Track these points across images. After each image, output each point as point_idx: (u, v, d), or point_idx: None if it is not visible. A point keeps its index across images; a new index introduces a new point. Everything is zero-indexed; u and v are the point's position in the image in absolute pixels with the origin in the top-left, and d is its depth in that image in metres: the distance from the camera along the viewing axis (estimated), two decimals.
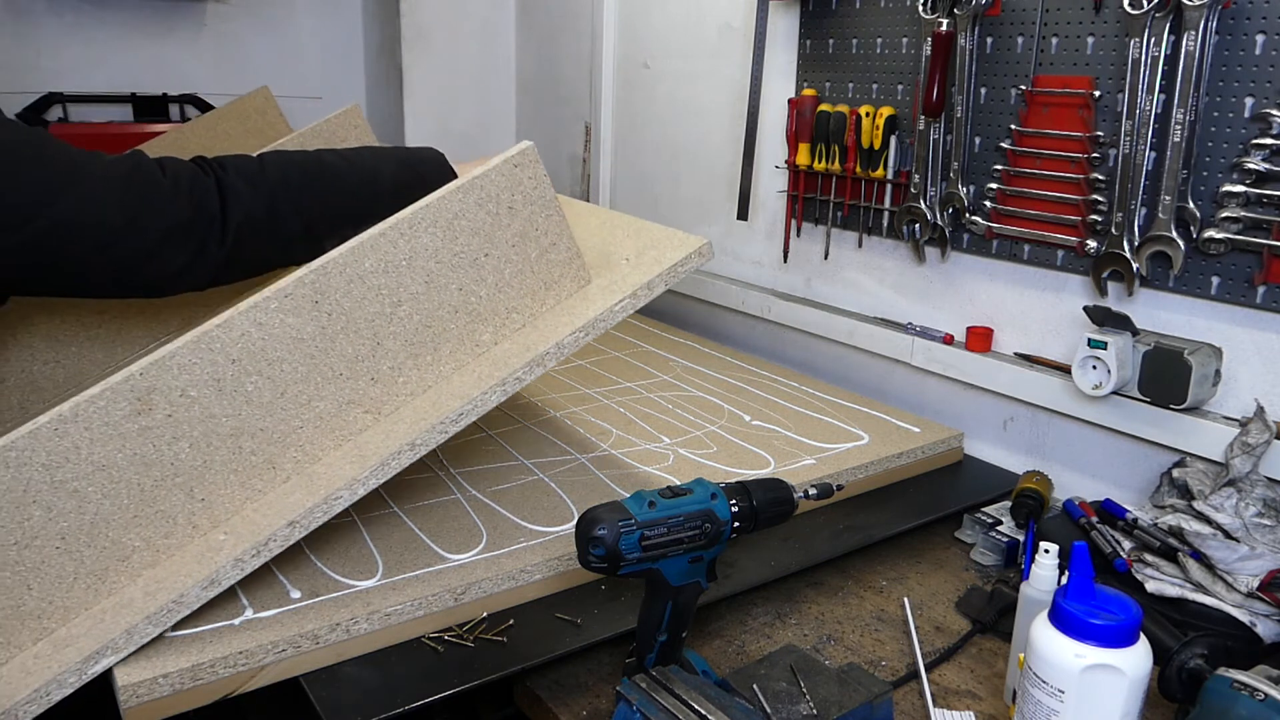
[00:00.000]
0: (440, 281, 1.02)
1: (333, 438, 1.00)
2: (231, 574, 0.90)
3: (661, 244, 1.14)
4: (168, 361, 0.90)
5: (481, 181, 1.03)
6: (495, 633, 0.98)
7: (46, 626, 0.89)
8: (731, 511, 0.86)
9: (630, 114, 2.23)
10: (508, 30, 2.61)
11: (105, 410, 0.88)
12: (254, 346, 0.94)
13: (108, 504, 0.89)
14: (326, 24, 2.61)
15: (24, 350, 1.33)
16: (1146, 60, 1.17)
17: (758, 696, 0.84)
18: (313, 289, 0.96)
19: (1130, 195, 1.22)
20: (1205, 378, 1.17)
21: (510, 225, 1.06)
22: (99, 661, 0.85)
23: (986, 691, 0.97)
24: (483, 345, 1.06)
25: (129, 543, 0.91)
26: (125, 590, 0.91)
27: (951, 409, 1.55)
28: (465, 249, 1.03)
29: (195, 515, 0.94)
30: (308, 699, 0.88)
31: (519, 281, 1.07)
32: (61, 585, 0.89)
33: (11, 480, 0.85)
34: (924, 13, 1.41)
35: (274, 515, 0.93)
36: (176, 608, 0.88)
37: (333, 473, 0.96)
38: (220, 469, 0.94)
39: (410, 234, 1.00)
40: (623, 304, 1.05)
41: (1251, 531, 1.04)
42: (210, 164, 1.11)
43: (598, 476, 1.27)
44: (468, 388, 1.00)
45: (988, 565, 1.23)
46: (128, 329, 1.39)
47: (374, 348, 1.00)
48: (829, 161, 1.64)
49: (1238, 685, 0.76)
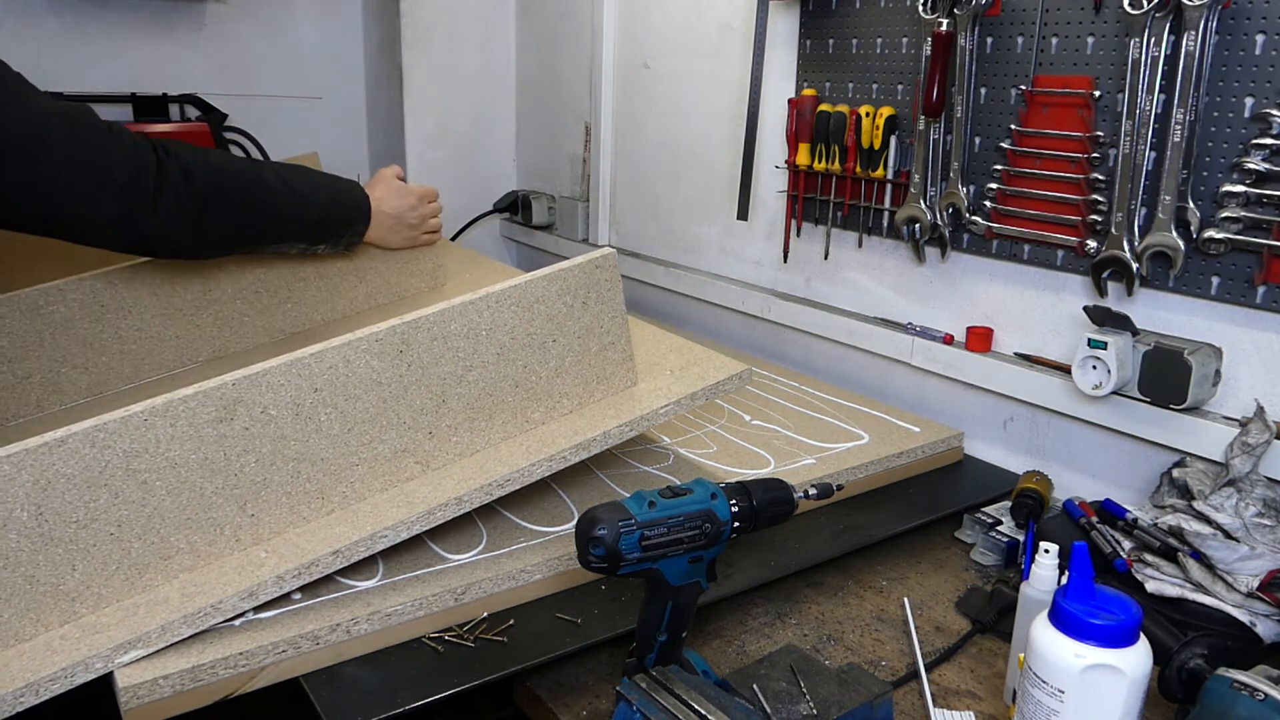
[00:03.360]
0: (510, 356, 1.10)
1: (381, 481, 1.04)
2: (270, 590, 0.93)
3: (704, 363, 1.25)
4: (259, 378, 0.95)
5: (565, 274, 1.12)
6: (495, 633, 0.98)
7: (77, 611, 0.90)
8: (731, 511, 0.86)
9: (630, 114, 2.23)
10: (508, 30, 2.61)
11: (193, 411, 0.92)
12: (337, 380, 0.99)
13: (168, 501, 0.93)
14: (326, 24, 2.61)
15: (58, 351, 1.37)
16: (1146, 60, 1.17)
17: (758, 696, 0.84)
18: (401, 339, 1.02)
19: (1130, 195, 1.22)
20: (1205, 378, 1.17)
21: (580, 318, 1.14)
22: (128, 652, 0.87)
23: (986, 691, 0.97)
24: (532, 422, 1.13)
25: (175, 543, 0.94)
26: (160, 589, 0.93)
27: (951, 409, 1.55)
28: (538, 331, 1.11)
29: (241, 529, 0.97)
30: (308, 699, 0.88)
31: (576, 370, 1.15)
32: (103, 572, 0.91)
33: (93, 459, 0.88)
34: (924, 13, 1.41)
35: (318, 542, 0.96)
36: (214, 613, 0.90)
37: (378, 513, 1.00)
38: (275, 489, 0.98)
39: (496, 307, 1.08)
40: (667, 409, 1.15)
41: (1251, 531, 1.04)
42: (156, 143, 1.18)
43: (598, 476, 1.27)
44: (516, 458, 1.06)
45: (988, 565, 1.23)
46: (159, 351, 1.45)
47: (439, 404, 1.06)
48: (829, 161, 1.64)
49: (1238, 685, 0.76)
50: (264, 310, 1.51)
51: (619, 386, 1.20)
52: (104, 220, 1.15)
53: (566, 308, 1.13)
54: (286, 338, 1.54)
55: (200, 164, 1.23)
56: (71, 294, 1.36)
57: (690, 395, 1.17)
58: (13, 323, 1.33)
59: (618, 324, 1.18)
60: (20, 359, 1.35)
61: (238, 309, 1.49)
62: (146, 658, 0.87)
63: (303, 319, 1.55)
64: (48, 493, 0.87)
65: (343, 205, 1.44)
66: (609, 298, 1.16)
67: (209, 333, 1.48)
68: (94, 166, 1.12)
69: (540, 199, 2.53)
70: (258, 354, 1.48)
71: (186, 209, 1.21)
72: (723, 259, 2.00)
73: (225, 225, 1.28)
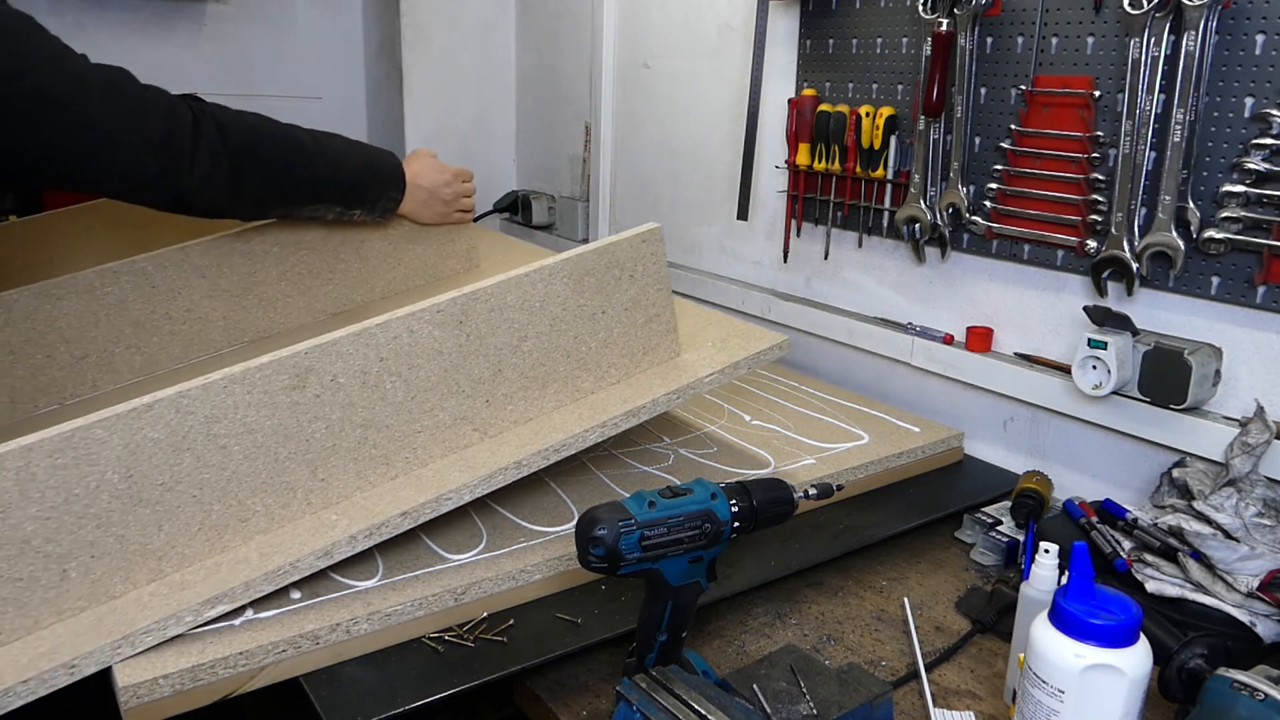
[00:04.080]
0: (561, 327, 1.14)
1: (441, 447, 1.08)
2: (344, 549, 0.96)
3: (744, 334, 1.31)
4: (330, 347, 0.99)
5: (613, 248, 1.16)
6: (495, 633, 0.98)
7: (162, 569, 0.95)
8: (731, 511, 0.86)
9: (630, 114, 2.23)
10: (508, 30, 2.61)
11: (268, 379, 0.96)
12: (402, 349, 1.03)
13: (245, 466, 0.97)
14: (326, 24, 2.61)
15: (112, 332, 1.42)
16: (1146, 60, 1.17)
17: (758, 696, 0.84)
18: (461, 309, 1.06)
19: (1130, 195, 1.22)
20: (1205, 378, 1.17)
21: (627, 291, 1.19)
22: (216, 606, 0.91)
23: (986, 691, 0.97)
24: (582, 391, 1.17)
25: (252, 506, 0.98)
26: (238, 550, 0.97)
27: (951, 409, 1.55)
28: (587, 303, 1.16)
29: (312, 493, 1.01)
30: (308, 699, 0.88)
31: (623, 341, 1.20)
32: (186, 533, 0.95)
33: (177, 424, 0.93)
34: (924, 13, 1.41)
35: (386, 504, 1.01)
36: (292, 570, 0.94)
37: (441, 477, 1.04)
38: (343, 455, 1.02)
39: (549, 279, 1.12)
40: (712, 377, 1.20)
41: (1251, 531, 1.04)
42: (190, 102, 1.22)
43: (598, 476, 1.27)
44: (570, 424, 1.11)
45: (988, 565, 1.23)
46: (207, 332, 1.50)
47: (495, 373, 1.10)
48: (829, 161, 1.64)
49: (1238, 685, 0.76)
50: (305, 291, 1.55)
51: (663, 357, 1.24)
52: (143, 177, 1.18)
53: (614, 280, 1.17)
54: (328, 318, 1.58)
55: (234, 121, 1.27)
56: (124, 275, 1.41)
57: (733, 364, 1.21)
58: (70, 304, 1.38)
59: (662, 296, 1.22)
60: (77, 339, 1.40)
61: (281, 290, 1.53)
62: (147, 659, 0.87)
63: (343, 299, 1.59)
64: (136, 456, 0.91)
65: (375, 170, 1.47)
66: (654, 271, 1.20)
67: (254, 313, 1.52)
68: (131, 124, 1.15)
69: (540, 199, 2.53)
70: (300, 334, 1.51)
71: (222, 165, 1.24)
72: (723, 259, 2.00)
73: (260, 182, 1.31)
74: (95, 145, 1.14)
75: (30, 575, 0.88)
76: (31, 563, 0.88)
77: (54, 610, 0.90)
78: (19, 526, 0.87)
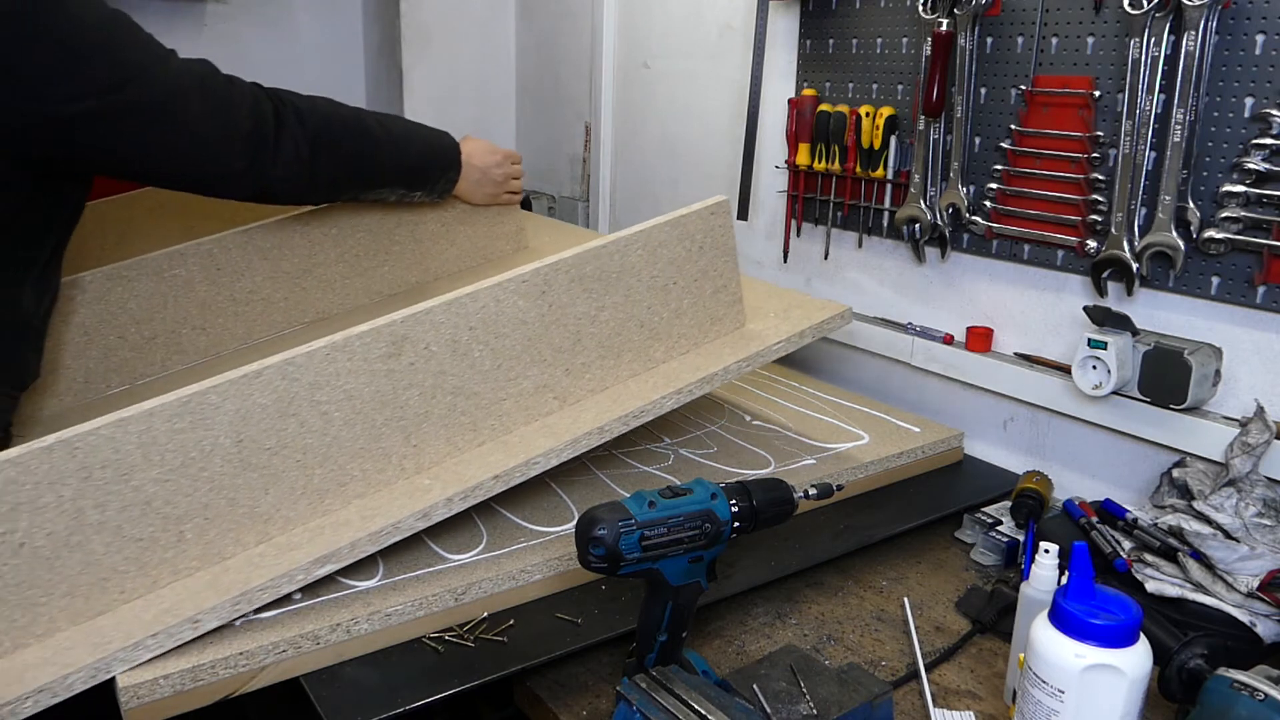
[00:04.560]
0: (636, 297, 1.18)
1: (524, 415, 1.12)
2: (441, 511, 1.00)
3: (806, 306, 1.35)
4: (423, 317, 1.03)
5: (684, 220, 1.20)
6: (495, 633, 0.98)
7: (268, 532, 0.98)
8: (731, 511, 0.86)
9: (630, 114, 2.23)
10: (508, 30, 2.61)
11: (367, 347, 1.00)
12: (489, 318, 1.07)
13: (345, 431, 1.00)
14: (326, 24, 2.60)
15: (180, 314, 1.47)
16: (1146, 60, 1.17)
17: (758, 696, 0.84)
18: (543, 280, 1.10)
19: (1130, 195, 1.22)
20: (1205, 378, 1.17)
21: (697, 262, 1.22)
22: (324, 566, 0.94)
23: (986, 691, 0.97)
24: (654, 361, 1.21)
25: (350, 471, 1.02)
26: (338, 513, 1.01)
27: (951, 409, 1.55)
28: (660, 274, 1.19)
29: (406, 459, 1.05)
30: (308, 699, 0.88)
31: (693, 311, 1.23)
32: (290, 496, 0.98)
33: (284, 390, 0.96)
34: (924, 13, 1.41)
35: (477, 469, 1.04)
36: (394, 531, 0.97)
37: (527, 443, 1.08)
38: (435, 421, 1.06)
39: (624, 251, 1.15)
40: (779, 345, 1.24)
41: (1251, 531, 1.04)
42: (269, 91, 1.26)
43: (598, 476, 1.27)
44: (646, 392, 1.15)
45: (988, 565, 1.23)
46: (269, 313, 1.55)
47: (574, 343, 1.14)
48: (829, 161, 1.64)
49: (1238, 685, 0.76)
50: (363, 273, 1.60)
51: (730, 327, 1.28)
52: (235, 171, 1.22)
53: (685, 252, 1.20)
54: (384, 299, 1.62)
55: (309, 108, 1.30)
56: (191, 257, 1.45)
57: (799, 333, 1.26)
58: (141, 285, 1.43)
59: (729, 267, 1.26)
60: (147, 320, 1.44)
61: (339, 271, 1.58)
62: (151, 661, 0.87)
63: (398, 281, 1.63)
64: (246, 421, 0.95)
65: (436, 152, 1.51)
66: (722, 243, 1.24)
67: (313, 295, 1.57)
68: (221, 123, 1.19)
69: (540, 199, 2.53)
70: (358, 315, 1.55)
71: (303, 152, 1.28)
72: None
73: (335, 167, 1.35)
74: (189, 147, 1.17)
75: (150, 535, 0.92)
76: (152, 524, 0.92)
77: (171, 570, 0.94)
78: (141, 488, 0.91)
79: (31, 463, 0.85)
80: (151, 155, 1.16)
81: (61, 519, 0.87)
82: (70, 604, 0.89)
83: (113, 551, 0.90)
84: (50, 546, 0.87)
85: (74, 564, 0.89)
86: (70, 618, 0.90)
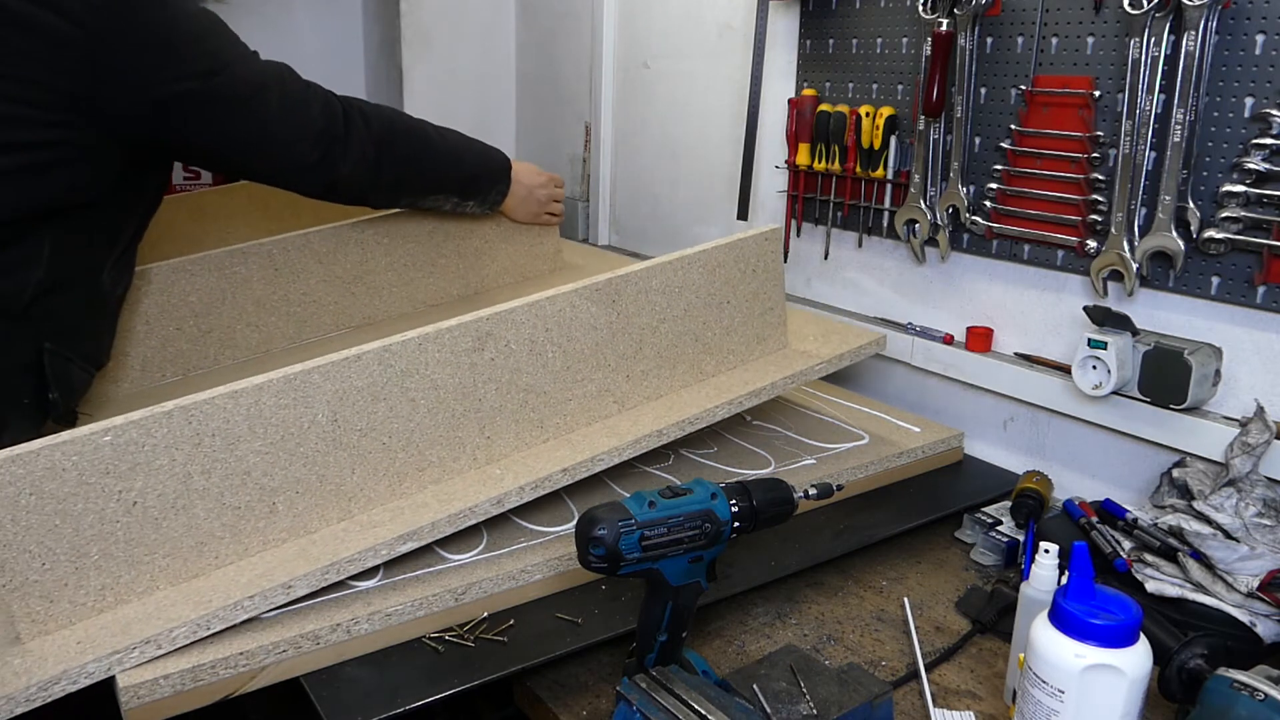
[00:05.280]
0: (693, 312, 1.25)
1: (587, 416, 1.18)
2: (514, 499, 1.05)
3: (841, 332, 1.45)
4: (507, 315, 1.09)
5: (741, 244, 1.28)
6: (495, 633, 0.98)
7: (350, 510, 1.03)
8: (731, 511, 0.86)
9: (630, 114, 2.23)
10: (508, 30, 2.61)
11: (455, 340, 1.06)
12: (564, 321, 1.13)
13: (427, 419, 1.05)
14: (326, 24, 2.61)
15: (236, 310, 1.53)
16: (1146, 60, 1.17)
17: (758, 696, 0.84)
18: (614, 289, 1.17)
19: (1130, 195, 1.22)
20: (1205, 378, 1.17)
21: (749, 284, 1.30)
22: (406, 543, 0.99)
23: (986, 691, 0.97)
24: (704, 374, 1.28)
25: (429, 457, 1.07)
26: (414, 496, 1.06)
27: (951, 409, 1.55)
28: (716, 292, 1.27)
29: (479, 449, 1.10)
30: (308, 699, 0.88)
31: (742, 330, 1.31)
32: (373, 477, 1.03)
33: (378, 374, 1.01)
34: (924, 13, 1.41)
35: (544, 462, 1.10)
36: (470, 514, 1.02)
37: (590, 441, 1.14)
38: (507, 415, 1.11)
39: (687, 268, 1.23)
40: (821, 366, 1.32)
41: (1251, 531, 1.04)
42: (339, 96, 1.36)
43: (598, 476, 1.27)
44: (700, 400, 1.22)
45: (988, 565, 1.23)
46: (319, 315, 1.60)
47: (636, 350, 1.21)
48: (829, 161, 1.64)
49: (1238, 685, 0.76)
50: (409, 283, 1.67)
51: (774, 347, 1.36)
52: (304, 165, 1.31)
53: (740, 274, 1.28)
54: (427, 309, 1.69)
55: (374, 112, 1.40)
56: (251, 256, 1.51)
57: (838, 355, 1.34)
58: (202, 280, 1.48)
59: (777, 291, 1.34)
60: (205, 314, 1.50)
61: (388, 280, 1.65)
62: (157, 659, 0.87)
63: (441, 292, 1.71)
64: (343, 402, 1.00)
65: (490, 165, 1.61)
66: (772, 268, 1.32)
67: (361, 300, 1.63)
68: (298, 117, 1.28)
69: None
70: (403, 322, 1.62)
71: (369, 152, 1.36)
72: None
73: (397, 168, 1.43)
74: (268, 138, 1.26)
75: (246, 504, 0.96)
76: (249, 493, 0.96)
77: (262, 539, 0.98)
78: (243, 458, 0.95)
79: (152, 425, 0.90)
80: (234, 143, 1.24)
81: (171, 481, 0.92)
82: (170, 565, 0.94)
83: (212, 517, 0.95)
84: (159, 507, 0.92)
85: (178, 526, 0.93)
86: (170, 578, 0.94)
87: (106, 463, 0.89)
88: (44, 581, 0.88)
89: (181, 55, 1.14)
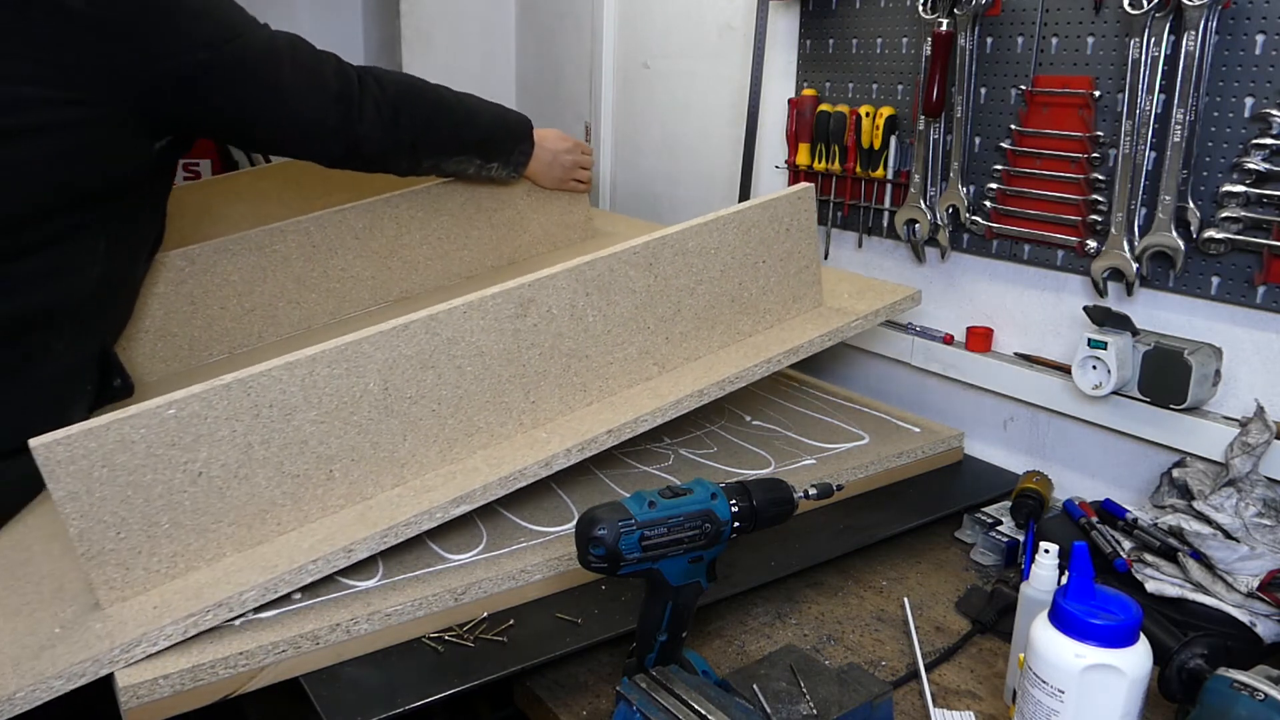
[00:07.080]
0: (729, 273, 1.26)
1: (628, 378, 1.20)
2: (561, 460, 1.07)
3: (878, 289, 1.44)
4: (548, 281, 1.10)
5: (775, 203, 1.28)
6: (495, 633, 0.98)
7: (403, 476, 1.05)
8: (731, 511, 0.86)
9: (630, 114, 2.23)
10: (508, 30, 2.61)
11: (498, 307, 1.07)
12: (603, 285, 1.15)
13: (474, 386, 1.08)
14: (326, 24, 2.61)
15: (277, 287, 1.55)
16: (1146, 60, 1.17)
17: (758, 696, 0.84)
18: (651, 253, 1.18)
19: (1130, 195, 1.22)
20: (1205, 378, 1.17)
21: (783, 243, 1.31)
22: (459, 506, 1.01)
23: (986, 691, 0.97)
24: (741, 334, 1.30)
25: (476, 423, 1.09)
26: (464, 461, 1.08)
27: (951, 409, 1.55)
28: (751, 252, 1.28)
29: (524, 414, 1.12)
30: (308, 699, 0.88)
31: (778, 289, 1.32)
32: (424, 443, 1.06)
33: (426, 343, 1.03)
34: (924, 13, 1.41)
35: (590, 425, 1.11)
36: (519, 477, 1.05)
37: (632, 403, 1.15)
38: (551, 380, 1.13)
39: (722, 229, 1.24)
40: (857, 322, 1.33)
41: (1251, 531, 1.04)
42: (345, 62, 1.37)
43: (598, 476, 1.27)
44: (738, 360, 1.23)
45: (988, 565, 1.23)
46: (357, 290, 1.63)
47: (674, 313, 1.22)
48: (829, 161, 1.64)
49: (1238, 685, 0.76)
50: (443, 255, 1.68)
51: (809, 305, 1.37)
52: (323, 129, 1.32)
53: (774, 233, 1.29)
54: (462, 280, 1.70)
55: (386, 75, 1.41)
56: (290, 234, 1.53)
57: (874, 311, 1.35)
58: (244, 259, 1.51)
59: (811, 250, 1.35)
60: (247, 293, 1.52)
61: (423, 254, 1.66)
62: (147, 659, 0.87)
63: (475, 264, 1.72)
64: (393, 370, 1.02)
65: (509, 123, 1.61)
66: (806, 226, 1.33)
67: (398, 274, 1.65)
68: (313, 82, 1.30)
69: None
70: (438, 295, 1.64)
71: (385, 112, 1.37)
72: None
73: (414, 130, 1.44)
74: (285, 102, 1.27)
75: (304, 472, 0.99)
76: (307, 461, 0.99)
77: (320, 506, 1.01)
78: (300, 428, 0.98)
79: (213, 398, 0.93)
80: (252, 109, 1.25)
81: (233, 452, 0.95)
82: (235, 532, 0.97)
83: (273, 485, 0.98)
84: (223, 477, 0.95)
85: (241, 495, 0.96)
86: (235, 545, 0.97)
87: (172, 435, 0.91)
88: (119, 550, 0.91)
89: (191, 25, 1.15)
